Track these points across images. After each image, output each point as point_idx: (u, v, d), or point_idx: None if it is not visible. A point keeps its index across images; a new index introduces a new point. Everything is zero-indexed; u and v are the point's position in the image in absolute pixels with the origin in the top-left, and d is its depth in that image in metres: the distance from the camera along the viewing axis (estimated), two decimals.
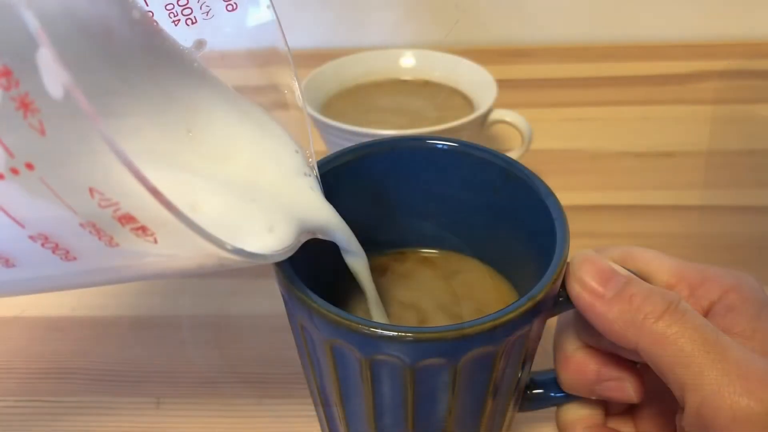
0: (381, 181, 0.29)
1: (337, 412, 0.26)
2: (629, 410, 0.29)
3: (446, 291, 0.30)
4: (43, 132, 0.14)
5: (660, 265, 0.26)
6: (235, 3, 0.24)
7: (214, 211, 0.18)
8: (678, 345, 0.21)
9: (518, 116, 0.46)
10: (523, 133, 0.46)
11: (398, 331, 0.21)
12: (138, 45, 0.21)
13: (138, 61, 0.21)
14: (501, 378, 0.24)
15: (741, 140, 0.55)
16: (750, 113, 0.58)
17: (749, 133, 0.56)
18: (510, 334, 0.22)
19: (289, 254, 0.22)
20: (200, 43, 0.24)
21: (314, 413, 0.32)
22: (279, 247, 0.21)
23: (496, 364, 0.23)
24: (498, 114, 0.46)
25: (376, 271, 0.29)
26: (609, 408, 0.29)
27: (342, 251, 0.26)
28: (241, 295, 0.41)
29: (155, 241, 0.17)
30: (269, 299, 0.40)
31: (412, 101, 0.50)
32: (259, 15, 0.25)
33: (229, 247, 0.18)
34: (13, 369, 0.37)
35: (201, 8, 0.24)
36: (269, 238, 0.21)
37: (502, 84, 0.48)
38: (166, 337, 0.38)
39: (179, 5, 0.23)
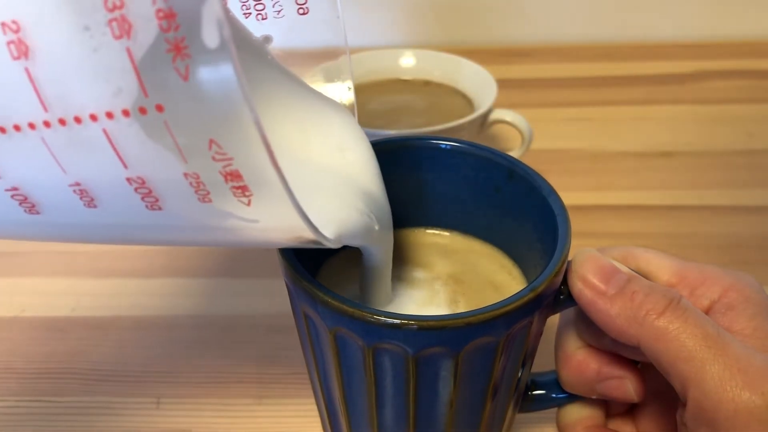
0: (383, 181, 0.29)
1: (338, 404, 0.26)
2: (629, 411, 0.29)
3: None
4: (186, 78, 0.15)
5: (660, 264, 0.26)
6: (306, 7, 0.25)
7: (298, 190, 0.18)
8: (680, 341, 0.22)
9: (518, 116, 0.46)
10: (524, 133, 0.46)
11: (402, 319, 0.21)
12: None
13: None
14: (502, 372, 0.24)
15: (741, 140, 0.55)
16: (750, 113, 0.58)
17: (749, 133, 0.56)
18: (512, 324, 0.22)
19: (341, 244, 0.22)
20: (267, 39, 0.25)
21: (314, 413, 0.32)
22: (344, 233, 0.22)
23: (497, 357, 0.23)
24: (498, 114, 0.46)
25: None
26: (609, 409, 0.29)
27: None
28: (242, 295, 0.41)
29: (248, 203, 0.17)
30: (269, 299, 0.40)
31: (412, 101, 0.50)
32: (327, 22, 0.26)
33: (314, 230, 0.18)
34: (13, 369, 0.37)
35: (273, 6, 0.25)
36: (336, 223, 0.22)
37: (502, 84, 0.48)
38: (166, 337, 0.38)
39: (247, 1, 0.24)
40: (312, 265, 0.27)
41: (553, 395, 0.29)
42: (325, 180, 0.23)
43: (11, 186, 0.18)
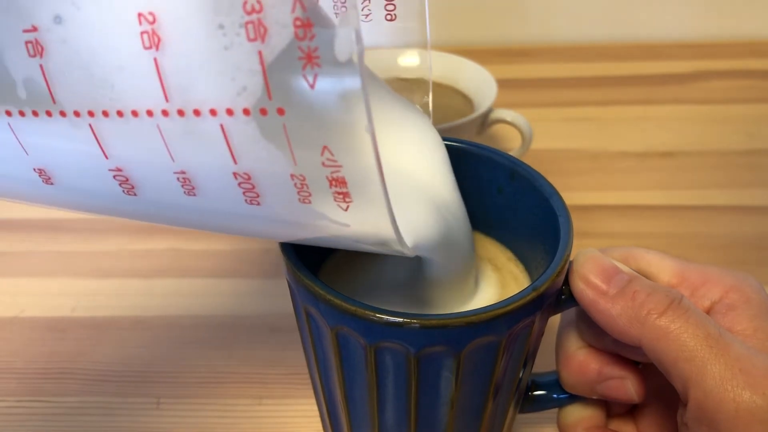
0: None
1: (339, 404, 0.26)
2: (630, 412, 0.29)
3: None
4: (313, 86, 0.15)
5: (662, 265, 0.26)
6: (394, 14, 0.26)
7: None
8: (681, 340, 0.22)
9: (518, 116, 0.46)
10: (524, 133, 0.46)
11: (404, 318, 0.21)
12: None
13: None
14: (503, 372, 0.24)
15: (741, 140, 0.55)
16: (750, 113, 0.58)
17: (749, 133, 0.56)
18: (514, 324, 0.23)
19: (416, 254, 0.23)
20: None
21: (315, 413, 0.32)
22: (421, 243, 0.23)
23: (499, 356, 0.23)
24: (498, 114, 0.46)
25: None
26: (610, 409, 0.29)
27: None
28: (242, 295, 0.41)
29: (346, 209, 0.18)
30: (269, 299, 0.40)
31: (411, 101, 0.50)
32: (411, 30, 0.27)
33: (401, 241, 0.19)
34: (13, 369, 0.37)
35: (363, 10, 0.26)
36: (416, 233, 0.23)
37: (502, 84, 0.48)
38: (166, 337, 0.38)
39: (342, 2, 0.25)
40: (313, 264, 0.27)
41: (554, 395, 0.29)
42: (409, 189, 0.24)
43: (115, 167, 0.19)
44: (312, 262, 0.25)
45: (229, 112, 0.16)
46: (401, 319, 0.21)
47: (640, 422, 0.28)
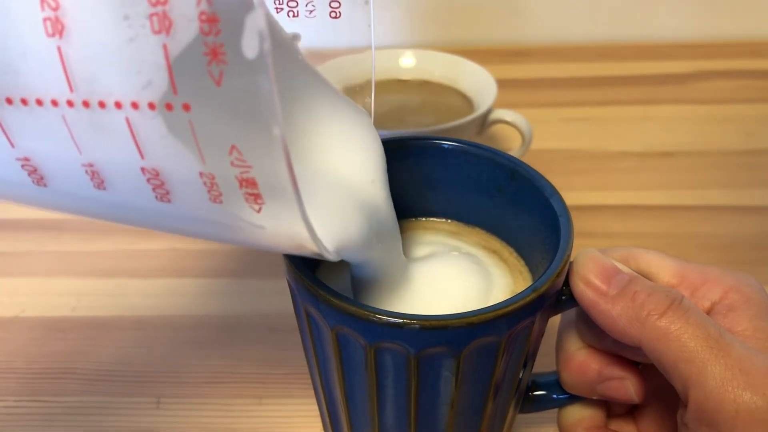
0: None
1: (339, 404, 0.26)
2: (630, 412, 0.29)
3: None
4: (219, 83, 0.15)
5: (662, 265, 0.26)
6: (339, 12, 0.26)
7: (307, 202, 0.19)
8: (681, 341, 0.22)
9: (518, 116, 0.46)
10: (524, 133, 0.46)
11: (404, 319, 0.21)
12: None
13: None
14: (503, 372, 0.24)
15: (741, 140, 0.55)
16: (750, 113, 0.58)
17: (749, 133, 0.56)
18: (514, 324, 0.23)
19: (339, 258, 0.22)
20: (296, 36, 0.25)
21: (315, 413, 0.32)
22: (343, 247, 0.22)
23: (498, 357, 0.23)
24: (498, 114, 0.46)
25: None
26: (610, 410, 0.29)
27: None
28: (242, 295, 0.41)
29: (259, 211, 0.17)
30: (269, 299, 0.40)
31: (411, 101, 0.50)
32: (356, 28, 0.26)
33: (319, 244, 0.18)
34: (13, 369, 0.37)
35: (306, 5, 0.25)
36: (338, 237, 0.22)
37: (502, 84, 0.48)
38: (166, 337, 0.38)
39: None
40: (312, 262, 0.27)
41: (554, 396, 0.29)
42: (332, 192, 0.23)
43: (23, 156, 0.18)
44: (311, 260, 0.26)
45: (135, 105, 0.16)
46: (401, 320, 0.21)
47: (640, 422, 0.28)
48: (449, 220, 0.31)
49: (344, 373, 0.24)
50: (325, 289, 0.22)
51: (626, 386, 0.26)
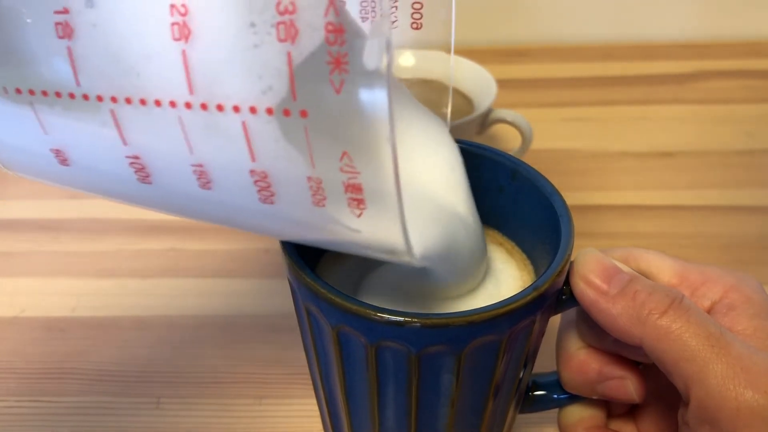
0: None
1: (340, 402, 0.26)
2: (630, 412, 0.29)
3: None
4: (338, 91, 0.15)
5: (662, 265, 0.26)
6: (421, 23, 0.27)
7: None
8: (682, 340, 0.22)
9: (518, 115, 0.46)
10: (524, 133, 0.46)
11: (405, 317, 0.21)
12: None
13: None
14: (504, 372, 0.24)
15: (741, 140, 0.55)
16: (750, 113, 0.58)
17: (749, 133, 0.56)
18: (514, 323, 0.23)
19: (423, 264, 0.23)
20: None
21: (315, 413, 0.32)
22: (429, 254, 0.22)
23: (499, 356, 0.23)
24: (498, 114, 0.46)
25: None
26: (611, 409, 0.29)
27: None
28: (242, 295, 0.41)
29: (359, 216, 0.18)
30: (269, 299, 0.40)
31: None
32: (436, 41, 0.26)
33: (411, 252, 0.19)
34: (13, 369, 0.37)
35: (390, 16, 0.26)
36: (427, 244, 0.22)
37: (502, 84, 0.48)
38: (166, 337, 0.38)
39: (372, 7, 0.25)
40: (312, 257, 0.27)
41: (555, 396, 0.29)
42: (423, 200, 0.24)
43: (133, 154, 0.19)
44: (311, 256, 0.26)
45: (253, 110, 0.16)
46: (402, 318, 0.21)
47: (641, 422, 0.28)
48: None
49: (345, 372, 0.24)
50: (326, 287, 0.22)
51: (626, 386, 0.26)
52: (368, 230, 0.19)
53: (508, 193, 0.29)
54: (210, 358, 0.37)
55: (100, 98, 0.18)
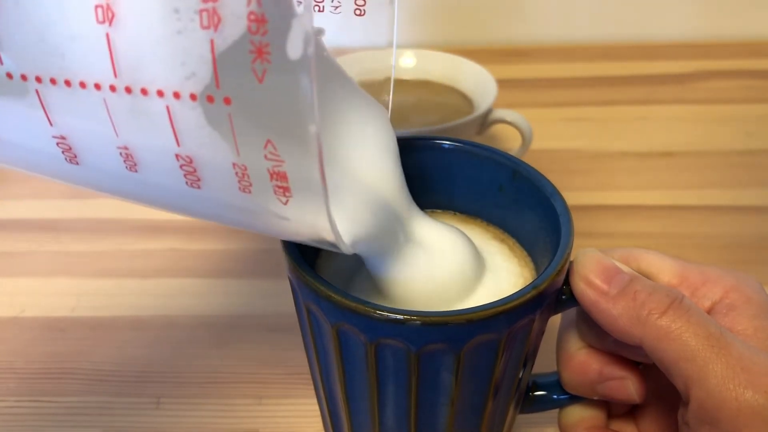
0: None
1: (340, 401, 0.26)
2: (631, 412, 0.29)
3: None
4: (261, 81, 0.16)
5: (662, 266, 0.26)
6: (364, 9, 0.26)
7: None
8: (682, 339, 0.22)
9: (518, 115, 0.46)
10: (524, 132, 0.46)
11: (405, 315, 0.21)
12: None
13: None
14: (503, 371, 0.24)
15: (741, 140, 0.55)
16: (750, 113, 0.58)
17: (749, 133, 0.56)
18: (514, 322, 0.23)
19: (354, 252, 0.23)
20: (320, 32, 0.25)
21: (315, 413, 0.32)
22: (359, 241, 0.22)
23: (499, 355, 0.23)
24: (498, 114, 0.46)
25: None
26: (611, 410, 0.29)
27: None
28: (241, 295, 0.41)
29: (286, 203, 0.18)
30: (269, 299, 0.40)
31: (411, 101, 0.50)
32: (380, 26, 0.27)
33: (339, 239, 0.19)
34: (13, 369, 0.37)
35: (333, 1, 0.26)
36: (355, 231, 0.22)
37: (502, 84, 0.48)
38: (166, 337, 0.38)
39: None
40: (312, 258, 0.27)
41: (555, 396, 0.29)
42: (350, 186, 0.24)
43: (59, 134, 0.19)
44: (310, 254, 0.26)
45: (176, 95, 0.17)
46: (402, 316, 0.21)
47: (641, 423, 0.28)
48: (456, 213, 0.31)
49: (345, 370, 0.25)
50: (325, 285, 0.22)
51: (627, 386, 0.26)
52: (296, 217, 0.19)
53: (509, 193, 0.29)
54: (210, 358, 0.37)
55: (24, 77, 0.18)
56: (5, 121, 0.19)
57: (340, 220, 0.19)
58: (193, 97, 0.16)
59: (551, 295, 0.24)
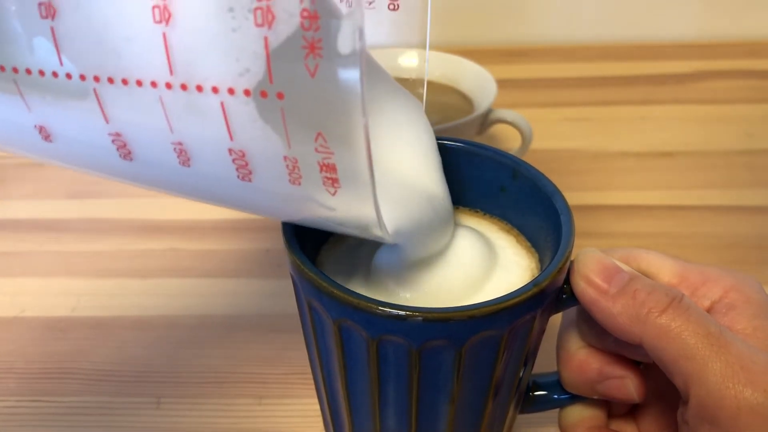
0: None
1: (340, 398, 0.26)
2: (631, 412, 0.29)
3: None
4: (313, 75, 0.16)
5: (662, 265, 0.26)
6: (397, 4, 0.27)
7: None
8: (682, 338, 0.22)
9: (518, 115, 0.46)
10: (524, 132, 0.46)
11: (407, 311, 0.21)
12: None
13: None
14: (504, 369, 0.24)
15: (741, 140, 0.55)
16: (750, 113, 0.58)
17: (749, 133, 0.56)
18: (515, 319, 0.23)
19: (396, 242, 0.23)
20: None
21: (315, 413, 0.32)
22: (402, 231, 0.23)
23: (500, 352, 0.23)
24: (498, 114, 0.46)
25: None
26: (611, 410, 0.29)
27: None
28: (242, 295, 0.41)
29: (334, 194, 0.19)
30: (269, 299, 0.40)
31: None
32: (413, 21, 0.28)
33: (383, 228, 0.20)
34: (13, 369, 0.37)
35: None
36: (399, 222, 0.23)
37: (502, 84, 0.48)
38: (166, 337, 0.38)
39: None
40: (313, 254, 0.27)
41: (555, 396, 0.29)
42: (396, 179, 0.24)
43: (115, 131, 0.19)
44: (311, 245, 0.26)
45: (231, 91, 0.17)
46: (404, 312, 0.21)
47: (641, 422, 0.28)
48: (459, 207, 0.31)
49: (346, 366, 0.25)
50: (327, 281, 0.23)
51: (627, 385, 0.26)
52: (343, 208, 0.19)
53: (510, 193, 0.29)
54: (210, 358, 0.37)
55: (83, 77, 0.18)
56: (63, 118, 0.20)
57: (385, 211, 0.20)
58: (246, 92, 0.17)
59: (552, 294, 0.24)
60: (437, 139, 0.29)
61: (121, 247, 0.45)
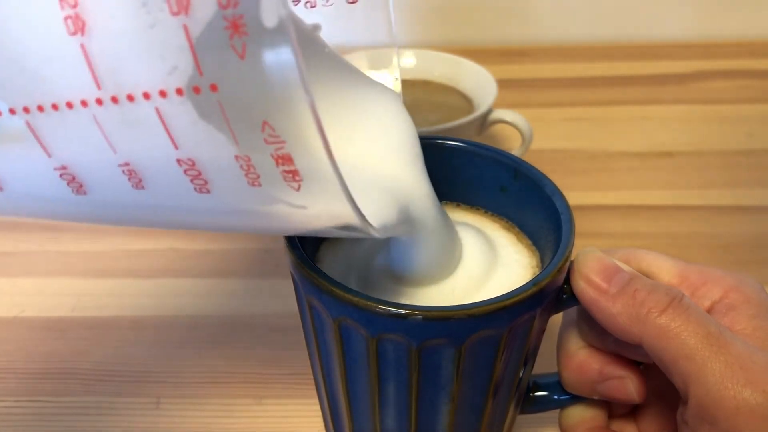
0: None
1: (340, 397, 0.26)
2: (631, 412, 0.29)
3: None
4: (243, 56, 0.15)
5: (662, 266, 0.26)
6: None
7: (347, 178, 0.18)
8: (681, 338, 0.22)
9: (518, 115, 0.46)
10: (524, 133, 0.46)
11: (407, 310, 0.22)
12: None
13: None
14: (504, 368, 0.24)
15: (741, 140, 0.55)
16: (750, 113, 0.58)
17: (749, 133, 0.56)
18: (514, 318, 0.23)
19: (386, 235, 0.22)
20: (316, 27, 0.24)
21: (315, 413, 0.32)
22: (388, 222, 0.22)
23: (499, 351, 0.23)
24: (498, 114, 0.46)
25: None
26: (612, 410, 0.29)
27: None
28: (242, 295, 0.41)
29: (298, 188, 0.17)
30: (269, 299, 0.40)
31: (412, 101, 0.50)
32: (375, 14, 0.26)
33: (362, 218, 0.18)
34: (13, 369, 0.37)
35: None
36: (383, 213, 0.22)
37: (502, 84, 0.48)
38: (166, 337, 0.38)
39: None
40: (313, 254, 0.27)
41: (555, 396, 0.29)
42: (372, 169, 0.23)
43: (60, 165, 0.18)
44: (311, 244, 0.26)
45: (162, 93, 0.16)
46: (404, 311, 0.22)
47: (642, 423, 0.28)
48: (459, 204, 0.31)
49: (346, 365, 0.25)
50: (327, 279, 0.23)
51: (627, 386, 0.26)
52: (313, 204, 0.18)
53: (511, 193, 0.29)
54: (210, 358, 0.37)
55: (12, 111, 0.17)
56: (6, 163, 0.19)
57: (365, 203, 0.18)
58: (179, 91, 0.16)
59: (552, 293, 0.24)
60: (438, 139, 0.29)
61: (120, 247, 0.45)
